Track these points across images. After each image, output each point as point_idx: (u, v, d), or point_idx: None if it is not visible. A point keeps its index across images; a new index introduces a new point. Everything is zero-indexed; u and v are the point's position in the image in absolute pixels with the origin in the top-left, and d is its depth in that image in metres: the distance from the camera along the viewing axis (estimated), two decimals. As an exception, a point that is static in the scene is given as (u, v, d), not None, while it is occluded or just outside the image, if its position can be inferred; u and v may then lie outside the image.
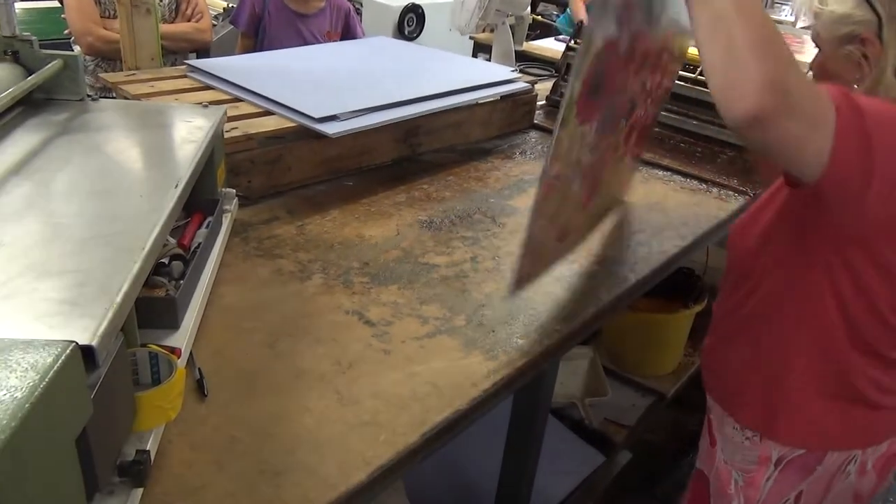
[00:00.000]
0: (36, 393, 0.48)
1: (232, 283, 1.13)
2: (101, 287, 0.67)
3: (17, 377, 0.49)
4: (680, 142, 1.96)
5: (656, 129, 2.00)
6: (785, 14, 5.82)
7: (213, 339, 1.00)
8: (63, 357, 0.52)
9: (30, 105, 1.11)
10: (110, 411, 0.64)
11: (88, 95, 1.16)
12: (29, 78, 1.07)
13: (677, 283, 2.22)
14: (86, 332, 0.59)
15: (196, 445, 0.81)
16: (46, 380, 0.49)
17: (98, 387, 0.59)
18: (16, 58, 1.11)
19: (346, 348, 1.01)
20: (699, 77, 1.92)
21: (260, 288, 1.14)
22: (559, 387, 2.08)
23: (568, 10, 3.38)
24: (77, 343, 0.54)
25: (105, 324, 0.61)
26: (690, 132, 1.96)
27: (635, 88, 1.18)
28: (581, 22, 2.21)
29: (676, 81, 1.95)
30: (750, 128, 0.80)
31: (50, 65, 1.11)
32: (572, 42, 2.16)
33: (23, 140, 1.00)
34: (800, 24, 1.05)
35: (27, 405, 0.47)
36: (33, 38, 1.12)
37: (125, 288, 0.67)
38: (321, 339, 1.03)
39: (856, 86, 1.00)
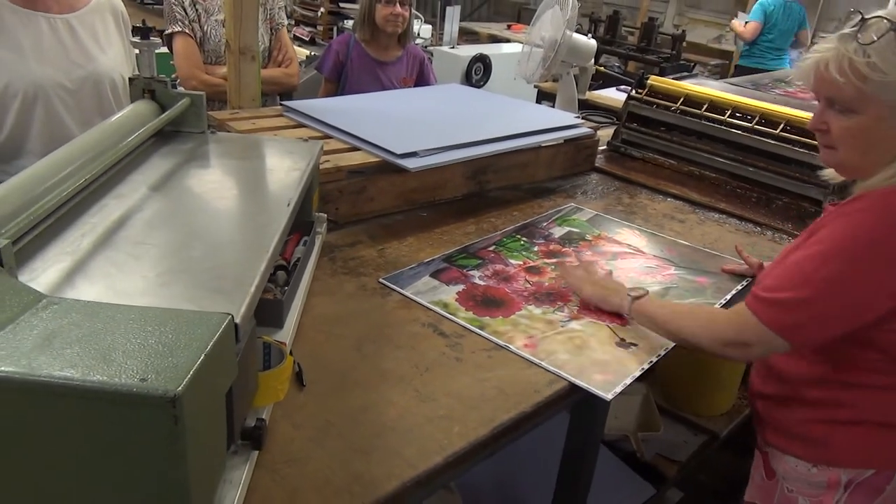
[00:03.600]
0: (208, 347, 0.62)
1: (322, 296, 1.28)
2: (236, 280, 0.82)
3: (193, 334, 0.64)
4: (736, 187, 2.04)
5: (712, 175, 2.09)
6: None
7: (308, 341, 1.14)
8: (224, 324, 0.66)
9: (161, 136, 1.30)
10: (244, 380, 0.77)
11: (209, 128, 1.35)
12: (165, 113, 1.26)
13: (732, 325, 2.27)
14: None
15: (297, 425, 0.95)
16: (214, 338, 0.64)
17: (239, 356, 0.73)
18: (152, 95, 1.31)
19: (422, 355, 1.14)
20: (756, 126, 2.02)
21: (346, 301, 1.28)
22: (613, 420, 2.14)
23: None
24: (232, 316, 0.69)
25: (244, 308, 0.76)
26: (746, 178, 2.04)
27: None
28: (643, 72, 2.33)
29: (733, 130, 2.06)
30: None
31: (180, 102, 1.30)
32: (633, 91, 2.29)
33: (159, 165, 1.18)
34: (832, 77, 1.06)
35: (202, 355, 0.61)
36: (167, 79, 1.31)
37: (256, 281, 0.82)
38: (401, 346, 1.15)
39: None
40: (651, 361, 1.17)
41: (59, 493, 0.62)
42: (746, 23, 5.44)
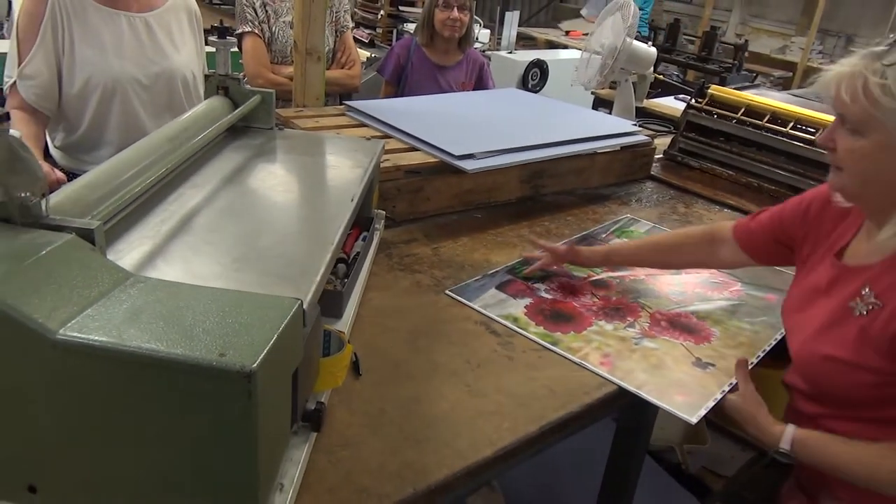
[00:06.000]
0: (280, 328, 0.66)
1: (378, 290, 1.32)
2: (303, 269, 0.87)
3: (266, 316, 0.68)
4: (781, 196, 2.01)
5: (772, 187, 2.06)
6: None
7: (364, 333, 1.18)
8: (294, 308, 0.70)
9: (232, 130, 1.36)
10: (307, 364, 0.81)
11: (277, 125, 1.41)
12: (238, 109, 1.31)
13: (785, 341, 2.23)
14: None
15: (353, 412, 0.98)
16: (286, 321, 0.68)
17: (305, 340, 0.77)
18: (226, 92, 1.37)
19: (474, 351, 1.16)
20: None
21: (401, 296, 1.32)
22: (659, 431, 2.12)
23: None
24: (301, 301, 0.73)
25: (310, 295, 0.80)
26: (792, 186, 2.00)
27: None
28: (703, 81, 2.31)
29: (795, 142, 2.02)
30: None
31: (252, 99, 1.36)
32: (693, 100, 2.27)
33: (230, 158, 1.24)
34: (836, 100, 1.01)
35: (275, 335, 0.65)
36: (240, 76, 1.37)
37: (321, 271, 0.86)
38: (453, 342, 1.18)
39: None
40: (731, 383, 1.16)
41: (136, 455, 0.67)
42: None
